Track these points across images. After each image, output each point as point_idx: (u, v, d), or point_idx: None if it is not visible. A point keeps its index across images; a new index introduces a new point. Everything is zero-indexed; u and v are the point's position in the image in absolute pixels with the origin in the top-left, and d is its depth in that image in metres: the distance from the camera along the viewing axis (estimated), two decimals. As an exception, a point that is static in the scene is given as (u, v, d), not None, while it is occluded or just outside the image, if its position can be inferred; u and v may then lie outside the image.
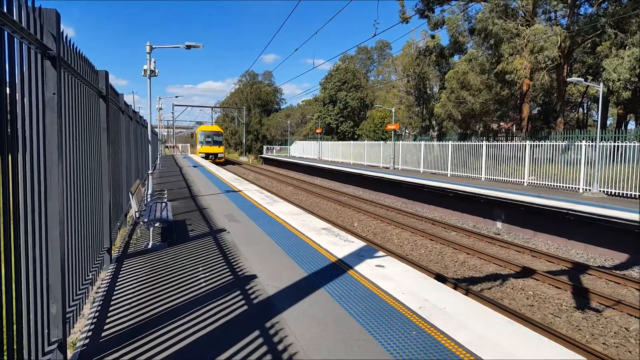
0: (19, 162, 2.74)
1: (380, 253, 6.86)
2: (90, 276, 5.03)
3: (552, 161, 18.30)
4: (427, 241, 13.43)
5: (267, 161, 55.34)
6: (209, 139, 50.34)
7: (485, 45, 27.58)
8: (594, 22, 22.60)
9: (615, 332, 7.28)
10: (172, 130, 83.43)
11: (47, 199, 3.28)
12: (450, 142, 24.03)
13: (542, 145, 18.83)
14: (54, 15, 3.39)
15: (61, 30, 3.53)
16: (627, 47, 21.13)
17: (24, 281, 2.77)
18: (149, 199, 11.22)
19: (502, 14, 24.79)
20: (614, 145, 15.46)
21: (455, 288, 8.94)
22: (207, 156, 47.95)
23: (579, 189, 16.49)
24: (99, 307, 4.51)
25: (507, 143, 20.87)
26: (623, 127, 30.60)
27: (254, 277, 5.51)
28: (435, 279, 6.79)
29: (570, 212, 12.51)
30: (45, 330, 3.20)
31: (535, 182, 18.64)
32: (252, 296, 4.82)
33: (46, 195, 3.26)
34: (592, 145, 16.30)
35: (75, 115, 4.41)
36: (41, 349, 3.09)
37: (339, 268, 5.97)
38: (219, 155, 49.60)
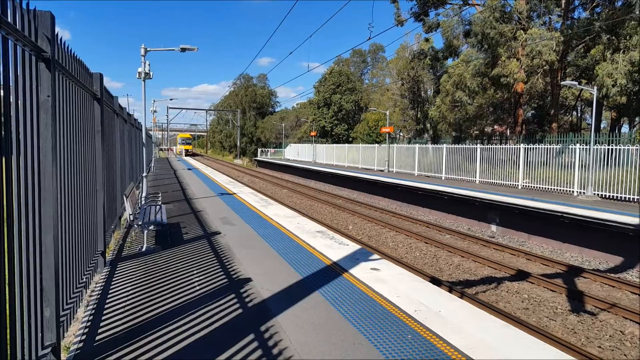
0: (12, 164, 2.72)
1: (375, 256, 6.87)
2: (84, 279, 4.99)
3: (546, 164, 18.36)
4: (422, 244, 13.44)
5: (262, 164, 55.27)
6: (184, 142, 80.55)
7: (479, 48, 27.69)
8: (588, 26, 22.72)
9: (610, 335, 7.30)
10: (166, 133, 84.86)
11: (41, 202, 3.26)
12: (444, 145, 24.07)
13: (536, 148, 18.91)
14: (49, 18, 3.37)
15: (56, 33, 3.51)
16: (622, 51, 21.14)
17: (18, 285, 2.74)
18: (143, 202, 11.19)
19: (499, 17, 24.89)
20: (608, 149, 15.55)
21: (450, 291, 8.94)
22: (181, 151, 75.97)
23: (573, 192, 16.57)
24: (93, 311, 4.48)
25: (501, 146, 20.91)
26: (617, 131, 30.78)
27: (248, 280, 5.49)
28: (430, 282, 6.80)
29: (564, 215, 12.56)
30: (39, 334, 3.17)
31: (530, 185, 18.70)
32: (247, 299, 4.80)
33: (40, 198, 3.24)
34: (586, 148, 16.38)
35: (70, 118, 4.38)
36: (35, 353, 3.06)
37: (333, 271, 5.96)
38: (189, 151, 77.94)
